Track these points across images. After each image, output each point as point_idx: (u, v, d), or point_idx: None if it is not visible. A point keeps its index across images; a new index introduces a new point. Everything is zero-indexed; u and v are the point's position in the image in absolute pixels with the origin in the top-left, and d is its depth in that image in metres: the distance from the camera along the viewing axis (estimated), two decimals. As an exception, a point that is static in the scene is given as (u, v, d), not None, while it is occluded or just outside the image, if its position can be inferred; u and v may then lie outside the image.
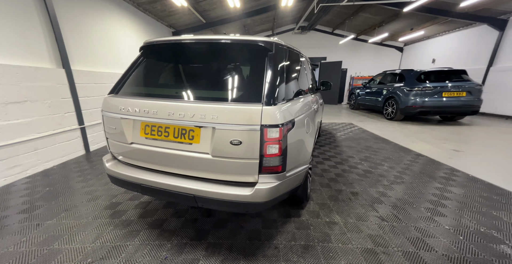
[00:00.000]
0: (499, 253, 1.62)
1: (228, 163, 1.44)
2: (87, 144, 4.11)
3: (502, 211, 2.15)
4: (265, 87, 1.44)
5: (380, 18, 9.38)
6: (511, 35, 7.59)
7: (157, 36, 6.71)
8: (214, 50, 1.70)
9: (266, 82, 1.46)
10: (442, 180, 2.85)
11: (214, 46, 1.66)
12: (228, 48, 1.64)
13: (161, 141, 1.58)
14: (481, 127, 6.20)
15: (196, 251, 1.68)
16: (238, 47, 1.63)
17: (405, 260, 1.55)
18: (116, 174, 1.74)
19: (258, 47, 1.58)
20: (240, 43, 1.60)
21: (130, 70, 1.85)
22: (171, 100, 1.53)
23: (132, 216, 2.13)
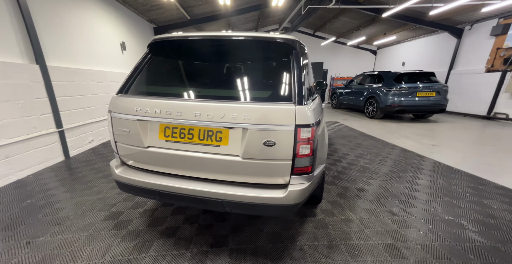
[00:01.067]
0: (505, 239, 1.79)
1: (259, 165, 1.39)
2: (66, 149, 3.71)
3: (490, 200, 2.39)
4: (295, 86, 1.41)
5: (358, 22, 9.90)
6: (466, 43, 8.53)
7: (137, 31, 6.30)
8: (238, 47, 1.63)
9: (295, 81, 1.43)
10: (432, 173, 3.08)
11: (238, 44, 1.59)
12: (253, 45, 1.58)
13: (184, 144, 1.47)
14: (447, 124, 6.86)
15: (220, 259, 1.60)
16: (263, 45, 1.57)
17: (425, 253, 1.64)
18: (128, 180, 1.59)
19: (283, 45, 1.54)
20: (265, 41, 1.54)
21: (139, 68, 1.69)
22: (196, 100, 1.43)
23: (139, 225, 1.96)
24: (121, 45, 5.52)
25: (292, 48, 1.54)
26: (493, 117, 7.60)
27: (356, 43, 12.41)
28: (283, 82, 1.49)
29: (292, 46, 1.54)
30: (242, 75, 1.66)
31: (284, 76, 1.50)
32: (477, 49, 8.18)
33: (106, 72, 4.83)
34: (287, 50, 1.54)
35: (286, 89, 1.43)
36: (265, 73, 1.63)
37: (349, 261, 1.56)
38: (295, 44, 1.55)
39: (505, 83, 7.27)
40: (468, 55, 8.52)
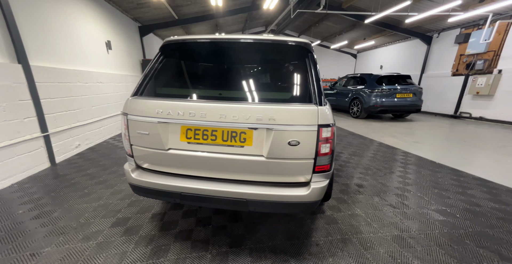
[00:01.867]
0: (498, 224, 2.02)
1: (283, 165, 1.44)
2: (52, 155, 3.47)
3: (472, 190, 2.66)
4: (314, 88, 1.48)
5: (340, 27, 10.39)
6: (435, 49, 9.35)
7: (122, 30, 6.05)
8: (257, 50, 1.66)
9: (314, 83, 1.50)
10: (419, 168, 3.34)
11: (256, 46, 1.62)
12: (270, 48, 1.63)
13: (207, 146, 1.48)
14: (422, 122, 7.44)
15: (241, 258, 1.62)
16: (280, 48, 1.62)
17: (429, 242, 1.80)
18: (146, 184, 1.56)
19: (299, 48, 1.59)
20: (282, 44, 1.59)
21: (152, 70, 1.67)
22: (220, 102, 1.45)
23: (151, 230, 1.92)
24: (107, 44, 5.27)
25: (308, 51, 1.61)
26: (459, 116, 8.38)
27: (339, 47, 12.97)
28: (302, 84, 1.55)
29: (308, 49, 1.61)
30: (261, 77, 1.71)
31: (302, 78, 1.57)
32: (444, 55, 8.98)
33: (92, 72, 4.59)
34: (303, 53, 1.60)
35: (306, 91, 1.50)
36: (284, 75, 1.69)
37: (364, 253, 1.66)
38: (309, 47, 1.62)
39: (468, 86, 8.06)
40: (437, 60, 9.32)
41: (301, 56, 1.60)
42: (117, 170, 3.20)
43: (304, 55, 1.60)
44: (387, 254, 1.65)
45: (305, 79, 1.54)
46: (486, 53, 7.50)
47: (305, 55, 1.59)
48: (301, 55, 1.60)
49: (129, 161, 1.72)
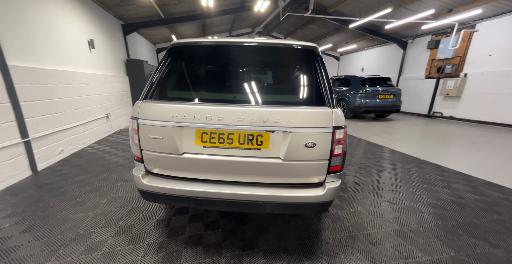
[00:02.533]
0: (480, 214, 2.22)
1: (299, 166, 1.48)
2: (33, 163, 3.22)
3: (455, 184, 2.90)
4: (327, 91, 1.53)
5: (324, 30, 10.76)
6: (410, 54, 10.04)
7: (105, 28, 5.75)
8: (269, 54, 1.68)
9: (326, 86, 1.55)
10: (406, 165, 3.57)
11: (270, 50, 1.64)
12: (283, 52, 1.65)
13: (224, 149, 1.48)
14: (401, 122, 7.94)
15: (256, 260, 1.63)
16: (292, 51, 1.64)
17: (427, 234, 1.94)
18: (159, 189, 1.52)
19: (309, 52, 1.63)
20: (293, 47, 1.61)
21: (163, 73, 1.63)
22: (238, 105, 1.45)
23: (158, 237, 1.86)
24: (89, 42, 4.98)
25: (317, 54, 1.64)
26: (432, 116, 9.05)
27: (323, 50, 13.39)
28: (314, 87, 1.58)
29: (317, 53, 1.64)
30: (274, 80, 1.73)
31: (314, 81, 1.59)
32: (418, 59, 9.66)
33: (75, 72, 4.32)
34: (313, 56, 1.63)
35: (318, 93, 1.54)
36: (296, 78, 1.71)
37: (372, 249, 1.75)
38: (318, 51, 1.66)
39: (439, 88, 8.75)
40: (412, 64, 10.00)
41: (311, 60, 1.63)
42: (109, 177, 3.05)
43: (314, 58, 1.63)
44: (393, 248, 1.76)
45: (317, 82, 1.58)
46: (454, 58, 8.18)
47: (315, 59, 1.63)
48: (311, 58, 1.64)
49: (137, 167, 1.66)
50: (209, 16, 7.38)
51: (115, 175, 3.08)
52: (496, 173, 3.26)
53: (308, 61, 1.64)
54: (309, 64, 1.64)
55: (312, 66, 1.62)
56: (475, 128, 6.80)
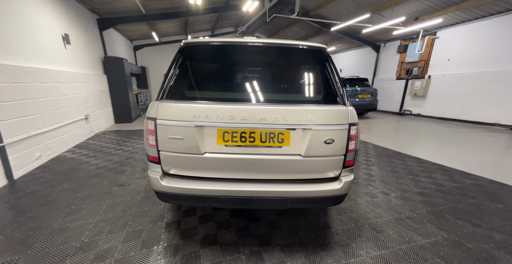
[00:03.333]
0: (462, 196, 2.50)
1: (318, 162, 1.56)
2: (9, 170, 2.91)
3: (434, 174, 3.23)
4: (340, 89, 1.63)
5: (306, 32, 11.11)
6: (382, 56, 10.84)
7: (80, 22, 5.33)
8: (284, 54, 1.73)
9: (338, 85, 1.64)
10: (390, 158, 3.88)
11: (284, 51, 1.69)
12: (296, 52, 1.71)
13: (246, 148, 1.50)
14: (378, 119, 8.55)
15: (275, 255, 1.69)
16: (305, 52, 1.70)
17: (422, 219, 2.15)
18: (179, 190, 1.50)
19: (320, 52, 1.70)
20: (307, 48, 1.67)
21: (177, 73, 1.60)
22: (260, 104, 1.49)
23: (172, 239, 1.82)
24: (64, 38, 4.59)
25: (327, 55, 1.72)
26: (403, 113, 9.87)
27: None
28: (328, 86, 1.66)
29: (326, 53, 1.73)
30: (290, 79, 1.78)
31: (327, 80, 1.67)
32: (390, 62, 10.46)
33: (50, 70, 3.96)
34: (324, 56, 1.71)
35: (333, 92, 1.63)
36: (310, 78, 1.77)
37: (378, 236, 1.91)
38: (327, 51, 1.75)
39: (408, 88, 9.57)
40: (384, 66, 10.79)
41: (322, 60, 1.71)
42: (100, 182, 2.87)
43: (324, 58, 1.71)
44: (396, 234, 1.93)
45: (330, 81, 1.66)
46: (420, 61, 9.01)
47: (325, 59, 1.71)
48: (322, 58, 1.71)
49: (152, 168, 1.61)
50: (192, 14, 7.20)
51: (106, 180, 2.91)
52: (464, 163, 3.70)
53: (320, 61, 1.72)
54: (321, 63, 1.71)
55: (324, 66, 1.70)
56: (438, 124, 7.56)
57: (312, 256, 1.68)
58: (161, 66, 11.62)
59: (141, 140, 4.96)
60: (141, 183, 2.85)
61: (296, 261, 1.63)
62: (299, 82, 1.78)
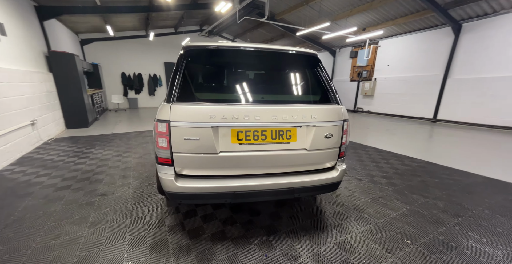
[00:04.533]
0: (409, 180, 3.08)
1: (320, 154, 1.79)
2: None
3: (392, 160, 3.88)
4: (333, 90, 1.88)
5: (271, 35, 11.57)
6: (338, 61, 12.09)
7: (14, 9, 4.52)
8: (284, 58, 1.90)
9: (330, 86, 1.90)
10: (356, 150, 4.46)
11: (284, 55, 1.85)
12: (296, 57, 1.89)
13: (258, 145, 1.63)
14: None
15: (283, 241, 1.86)
16: (302, 57, 1.90)
17: (391, 197, 2.61)
18: (196, 190, 1.55)
19: (313, 58, 1.92)
20: (303, 54, 1.88)
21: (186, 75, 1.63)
22: (272, 105, 1.63)
23: (180, 240, 1.82)
24: (-1, 28, 3.87)
25: (319, 60, 1.96)
26: (357, 111, 11.22)
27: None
28: (322, 87, 1.89)
29: (318, 58, 1.95)
30: (292, 82, 1.96)
31: (321, 81, 1.90)
32: (344, 65, 11.75)
33: (-14, 66, 3.32)
34: (316, 61, 1.94)
35: (327, 93, 1.87)
36: (308, 80, 1.96)
37: (361, 214, 2.26)
38: (318, 57, 1.98)
39: (360, 89, 10.94)
40: (340, 69, 12.06)
41: (315, 64, 1.94)
42: (75, 194, 2.59)
43: (316, 63, 1.94)
44: (374, 211, 2.31)
45: (323, 83, 1.90)
46: (367, 66, 10.38)
47: (317, 64, 1.95)
48: (315, 63, 1.94)
49: (163, 171, 1.61)
50: (155, 10, 6.78)
51: (82, 192, 2.64)
52: (409, 149, 4.51)
53: (313, 65, 1.94)
54: (314, 67, 1.94)
55: (318, 69, 1.93)
56: (384, 119, 8.87)
57: (315, 238, 1.91)
58: (117, 63, 10.52)
59: (109, 146, 4.53)
60: (126, 190, 2.67)
61: (303, 244, 1.83)
62: (301, 84, 1.97)
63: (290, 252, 1.74)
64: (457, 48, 7.60)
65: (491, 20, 6.81)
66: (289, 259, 1.67)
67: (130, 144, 4.65)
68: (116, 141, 4.88)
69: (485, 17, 6.91)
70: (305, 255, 1.71)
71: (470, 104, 7.50)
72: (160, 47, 11.32)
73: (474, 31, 7.20)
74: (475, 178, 3.17)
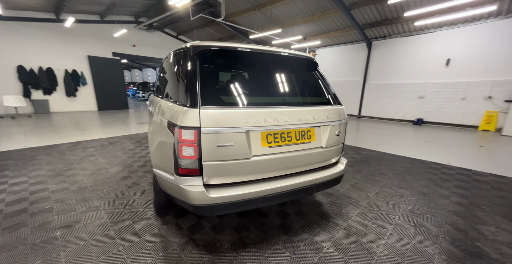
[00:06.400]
0: (367, 167, 3.73)
1: (331, 151, 1.96)
2: None
3: (351, 152, 4.55)
4: (332, 92, 2.09)
5: (220, 35, 11.36)
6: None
7: None
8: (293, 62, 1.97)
9: (330, 88, 2.11)
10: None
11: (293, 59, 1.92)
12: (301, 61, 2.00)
13: (285, 146, 1.66)
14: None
15: (301, 236, 1.95)
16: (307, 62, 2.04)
17: (363, 182, 3.08)
18: (229, 198, 1.46)
19: (314, 62, 2.09)
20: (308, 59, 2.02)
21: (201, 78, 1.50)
22: (298, 107, 1.68)
23: (201, 257, 1.64)
24: None
25: (316, 64, 2.15)
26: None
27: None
28: (326, 89, 2.07)
29: (316, 62, 2.13)
30: (303, 84, 2.02)
31: (324, 85, 2.08)
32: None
33: None
34: (315, 65, 2.12)
35: (330, 95, 2.06)
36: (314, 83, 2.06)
37: (350, 200, 2.59)
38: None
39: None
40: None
41: (315, 68, 2.11)
42: (2, 241, 1.92)
43: (315, 67, 2.12)
44: (357, 196, 2.69)
45: (325, 85, 2.08)
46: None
47: (315, 68, 2.13)
48: (313, 67, 2.11)
49: (187, 183, 1.44)
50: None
51: (26, 228, 1.98)
52: (362, 143, 5.40)
53: (314, 69, 2.12)
54: (315, 71, 2.11)
55: (318, 73, 2.11)
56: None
57: (326, 228, 2.08)
58: (10, 53, 8.00)
59: (35, 165, 3.47)
60: (97, 215, 2.16)
61: (319, 235, 1.97)
62: (313, 87, 2.07)
63: (312, 245, 1.84)
64: (370, 60, 9.56)
65: (391, 41, 8.91)
66: (315, 252, 1.77)
67: (69, 160, 3.71)
68: (42, 158, 3.78)
69: (386, 38, 8.98)
70: (326, 245, 1.85)
71: (381, 103, 9.58)
72: (81, 37, 9.34)
73: (379, 47, 9.23)
74: (397, 157, 4.12)
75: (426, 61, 8.18)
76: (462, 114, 7.73)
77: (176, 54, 1.91)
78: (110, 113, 9.73)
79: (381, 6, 7.16)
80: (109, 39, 10.15)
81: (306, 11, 8.12)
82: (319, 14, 7.97)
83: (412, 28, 7.96)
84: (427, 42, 8.04)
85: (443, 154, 4.50)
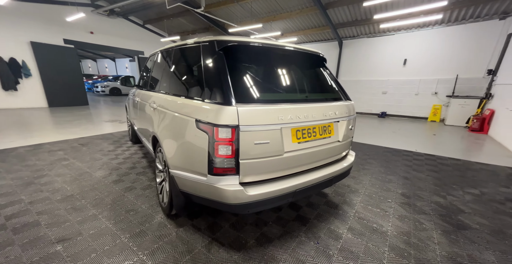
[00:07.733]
0: (354, 158, 4.03)
1: (345, 144, 2.06)
2: None
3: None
4: (340, 87, 2.19)
5: (193, 27, 10.69)
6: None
7: None
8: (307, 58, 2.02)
9: (338, 84, 2.21)
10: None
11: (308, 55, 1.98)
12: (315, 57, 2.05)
13: (311, 142, 1.71)
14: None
15: (318, 226, 2.04)
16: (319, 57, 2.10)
17: (356, 168, 3.33)
18: (265, 195, 1.47)
19: (323, 58, 2.16)
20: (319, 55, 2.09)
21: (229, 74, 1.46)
22: (322, 102, 1.73)
23: (230, 256, 1.62)
24: None
25: (324, 60, 2.21)
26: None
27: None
28: (336, 85, 2.14)
29: (324, 58, 2.19)
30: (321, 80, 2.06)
31: (334, 80, 2.16)
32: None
33: None
34: (324, 61, 2.19)
35: (340, 90, 2.14)
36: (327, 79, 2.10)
37: (351, 189, 2.77)
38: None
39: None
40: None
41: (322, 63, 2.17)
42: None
43: (323, 62, 2.19)
44: (355, 184, 2.91)
45: (331, 81, 2.17)
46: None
47: (323, 63, 2.19)
48: (322, 62, 2.17)
49: (222, 182, 1.41)
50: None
51: (13, 247, 1.69)
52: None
53: (323, 65, 2.18)
54: (324, 66, 2.19)
55: (324, 68, 2.17)
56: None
57: (338, 216, 2.21)
58: None
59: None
60: (99, 224, 1.94)
61: (335, 224, 2.08)
62: (329, 83, 2.11)
63: (331, 233, 1.95)
64: (341, 57, 10.17)
65: (359, 40, 9.59)
66: (336, 239, 1.88)
67: (35, 166, 3.20)
68: None
69: (355, 38, 9.64)
70: (343, 232, 1.97)
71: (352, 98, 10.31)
72: (21, 19, 7.95)
73: (350, 46, 9.87)
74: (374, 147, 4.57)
75: (388, 61, 9.05)
76: (416, 107, 8.81)
77: (190, 48, 1.81)
78: (66, 110, 8.58)
79: (353, 7, 7.64)
80: (60, 24, 8.84)
81: (285, 7, 8.23)
82: (297, 11, 8.14)
83: (377, 30, 8.69)
84: (389, 43, 8.88)
85: (410, 143, 5.10)
